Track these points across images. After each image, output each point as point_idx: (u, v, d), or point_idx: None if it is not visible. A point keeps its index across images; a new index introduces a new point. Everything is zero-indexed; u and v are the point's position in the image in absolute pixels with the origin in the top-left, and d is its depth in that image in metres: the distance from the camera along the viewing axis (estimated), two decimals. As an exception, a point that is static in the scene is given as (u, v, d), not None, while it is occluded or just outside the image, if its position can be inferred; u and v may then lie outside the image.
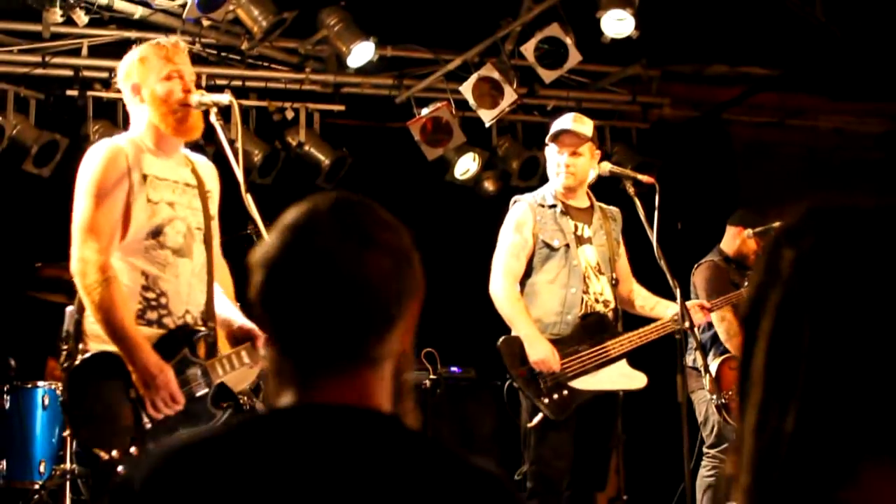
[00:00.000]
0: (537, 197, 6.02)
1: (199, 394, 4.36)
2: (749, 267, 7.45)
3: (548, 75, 8.13)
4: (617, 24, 7.87)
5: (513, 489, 1.77)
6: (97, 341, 4.26)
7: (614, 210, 6.20)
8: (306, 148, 8.76)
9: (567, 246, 5.86)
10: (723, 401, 6.94)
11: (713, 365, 7.13)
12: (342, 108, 8.88)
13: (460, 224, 9.04)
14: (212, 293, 4.54)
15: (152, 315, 4.35)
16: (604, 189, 6.18)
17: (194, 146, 4.81)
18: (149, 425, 4.21)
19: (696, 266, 7.57)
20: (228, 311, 4.62)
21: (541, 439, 5.71)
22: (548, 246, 5.87)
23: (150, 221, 4.35)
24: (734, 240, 7.62)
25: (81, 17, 7.44)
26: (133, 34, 8.03)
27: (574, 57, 7.98)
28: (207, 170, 4.70)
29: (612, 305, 5.93)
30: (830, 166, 10.26)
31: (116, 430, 4.18)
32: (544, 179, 6.14)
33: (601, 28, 7.89)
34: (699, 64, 9.55)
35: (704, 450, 7.38)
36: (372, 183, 8.81)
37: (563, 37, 7.91)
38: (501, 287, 5.85)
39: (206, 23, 7.70)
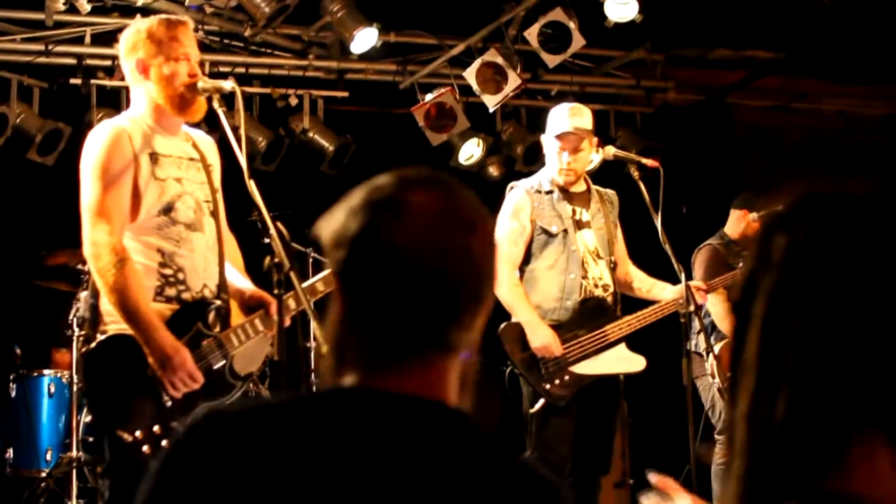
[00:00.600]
0: (534, 183, 6.02)
1: (216, 366, 4.39)
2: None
3: (551, 60, 8.11)
4: (620, 7, 7.87)
5: (569, 499, 1.71)
6: (116, 321, 4.26)
7: (610, 192, 6.19)
8: (310, 134, 8.76)
9: (565, 231, 5.87)
10: (725, 385, 6.94)
11: (715, 349, 7.12)
12: (346, 94, 8.86)
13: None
14: (223, 265, 4.56)
15: (171, 291, 4.36)
16: (608, 173, 6.18)
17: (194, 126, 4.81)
18: (169, 403, 4.23)
19: (697, 249, 7.58)
20: (239, 281, 4.65)
21: (542, 424, 5.73)
22: (546, 232, 5.88)
23: (161, 199, 4.35)
24: (738, 223, 7.64)
25: (84, 4, 7.42)
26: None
27: (577, 41, 7.96)
28: (207, 144, 4.71)
29: (611, 289, 5.94)
30: (835, 149, 10.25)
31: (137, 409, 4.20)
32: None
33: (604, 12, 7.89)
34: (703, 48, 9.54)
35: (715, 436, 7.38)
36: (376, 169, 8.78)
37: (567, 21, 7.89)
38: (500, 274, 5.79)
39: (208, 9, 7.71)
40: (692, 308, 5.61)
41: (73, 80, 8.11)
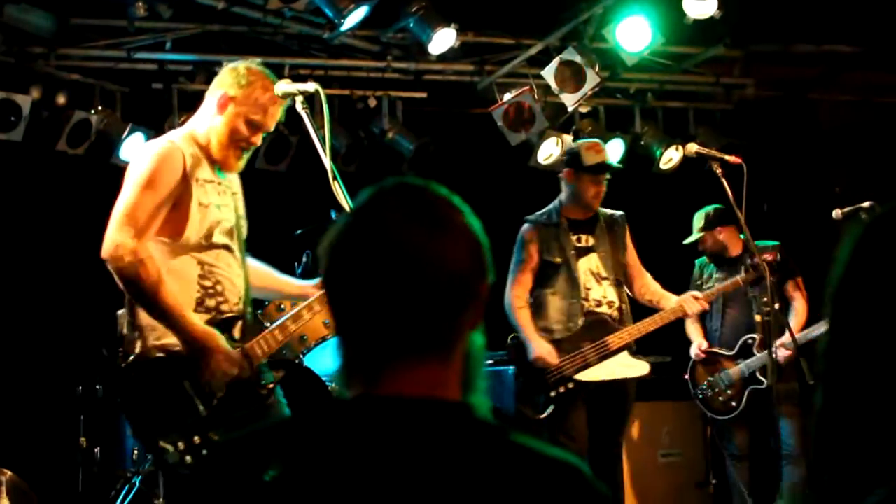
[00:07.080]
0: (543, 217, 6.80)
1: (246, 377, 4.49)
2: (728, 259, 7.65)
3: (630, 58, 8.09)
4: (699, 4, 7.82)
5: (592, 478, 1.70)
6: (155, 335, 4.37)
7: (619, 214, 6.85)
8: (389, 136, 8.79)
9: (567, 261, 6.60)
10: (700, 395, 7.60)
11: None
12: (424, 95, 8.89)
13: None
14: (248, 286, 4.69)
15: (210, 302, 4.49)
16: (688, 169, 6.14)
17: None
18: (205, 412, 4.30)
19: None
20: (281, 277, 4.96)
21: (554, 426, 6.41)
22: (549, 263, 6.64)
23: (203, 224, 4.48)
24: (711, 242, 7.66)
25: (165, 10, 7.52)
26: (216, 27, 8.10)
27: (656, 39, 7.94)
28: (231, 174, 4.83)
29: (616, 305, 6.63)
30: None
31: (175, 421, 4.29)
32: (626, 161, 6.24)
33: (684, 9, 7.84)
34: (783, 43, 9.45)
35: None
36: (455, 169, 8.83)
37: (645, 19, 7.87)
38: (509, 299, 6.67)
39: (288, 13, 7.76)
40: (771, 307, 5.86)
41: (154, 85, 8.20)
